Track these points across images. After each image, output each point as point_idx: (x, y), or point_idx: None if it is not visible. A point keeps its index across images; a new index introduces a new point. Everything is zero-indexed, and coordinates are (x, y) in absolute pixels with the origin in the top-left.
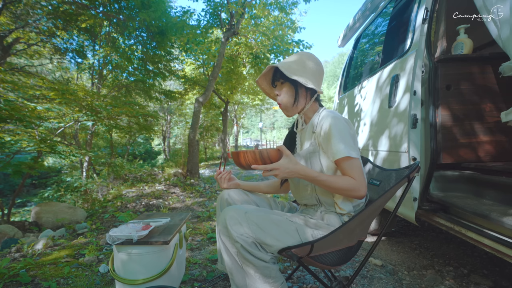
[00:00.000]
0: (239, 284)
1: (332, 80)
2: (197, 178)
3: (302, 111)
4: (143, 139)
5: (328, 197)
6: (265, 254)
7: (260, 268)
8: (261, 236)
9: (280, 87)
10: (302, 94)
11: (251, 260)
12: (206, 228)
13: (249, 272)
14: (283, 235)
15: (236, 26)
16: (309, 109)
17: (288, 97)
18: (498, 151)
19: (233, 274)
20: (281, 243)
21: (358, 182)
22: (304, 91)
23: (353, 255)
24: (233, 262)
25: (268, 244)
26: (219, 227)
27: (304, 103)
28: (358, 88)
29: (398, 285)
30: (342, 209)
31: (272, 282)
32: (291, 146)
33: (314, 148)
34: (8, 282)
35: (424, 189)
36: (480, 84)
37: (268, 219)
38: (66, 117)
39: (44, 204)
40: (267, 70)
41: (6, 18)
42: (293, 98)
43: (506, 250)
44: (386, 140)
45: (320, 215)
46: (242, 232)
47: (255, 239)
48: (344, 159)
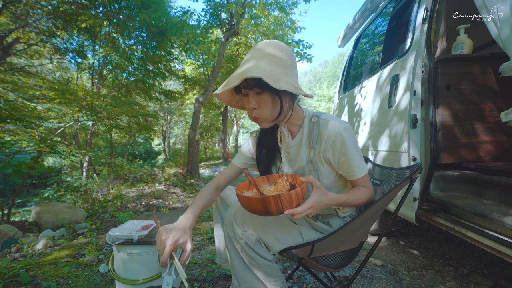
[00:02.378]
0: (240, 280)
1: (332, 80)
2: (197, 178)
3: (285, 120)
4: (143, 139)
5: None
6: (268, 253)
7: (263, 266)
8: (264, 236)
9: (255, 97)
10: (285, 100)
11: (254, 258)
12: (206, 228)
13: (252, 270)
14: (285, 236)
15: (236, 26)
16: (294, 117)
17: (270, 109)
18: (498, 151)
19: (235, 270)
20: (282, 244)
21: (371, 190)
22: (289, 97)
23: (354, 257)
24: (237, 258)
25: (270, 245)
26: (226, 223)
27: (287, 112)
28: (358, 88)
29: (398, 285)
30: (344, 212)
31: (274, 281)
32: (270, 161)
33: (315, 166)
34: (8, 282)
35: (424, 189)
36: (480, 84)
37: (272, 219)
38: (66, 117)
39: (44, 204)
40: (236, 80)
41: (6, 18)
42: (277, 110)
43: (506, 250)
44: (386, 140)
45: (322, 220)
46: (246, 229)
47: (259, 237)
48: (364, 177)
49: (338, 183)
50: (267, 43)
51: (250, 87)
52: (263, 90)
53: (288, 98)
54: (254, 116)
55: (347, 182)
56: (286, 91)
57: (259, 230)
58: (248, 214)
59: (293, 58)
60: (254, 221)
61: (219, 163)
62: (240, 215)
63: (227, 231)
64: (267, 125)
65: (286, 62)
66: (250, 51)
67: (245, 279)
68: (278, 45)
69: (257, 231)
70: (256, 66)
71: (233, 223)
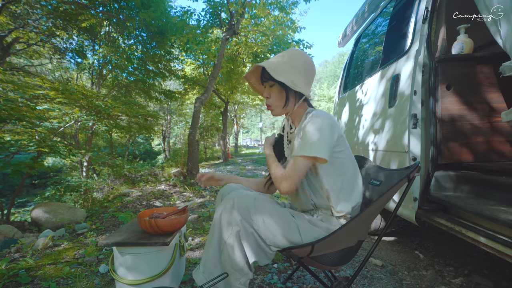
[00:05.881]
0: (207, 265)
1: (332, 80)
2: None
3: (290, 113)
4: (143, 139)
5: (323, 201)
6: (245, 259)
7: (237, 262)
8: (263, 232)
9: (269, 89)
10: (291, 96)
11: (235, 250)
12: (206, 228)
13: (226, 258)
14: (285, 232)
15: (236, 26)
16: (297, 111)
17: (278, 100)
18: (499, 151)
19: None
20: (281, 241)
21: (282, 176)
22: (293, 93)
23: (353, 255)
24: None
25: (268, 241)
26: (225, 205)
27: (293, 105)
28: (358, 88)
29: (398, 285)
30: (339, 211)
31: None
32: (279, 149)
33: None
34: (8, 282)
35: (424, 189)
36: (480, 84)
37: (275, 214)
38: (66, 117)
39: (44, 204)
40: (254, 69)
41: (5, 18)
42: (283, 101)
43: (506, 250)
44: (386, 140)
45: (318, 218)
46: (245, 217)
47: (255, 231)
48: (296, 157)
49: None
50: (291, 49)
51: (266, 80)
52: (274, 83)
53: (294, 94)
54: (267, 103)
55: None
56: (294, 90)
57: (260, 225)
58: (252, 201)
59: (309, 65)
60: (257, 211)
61: (219, 163)
62: (243, 201)
63: (222, 215)
64: (275, 113)
65: (296, 64)
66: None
67: (213, 271)
68: (297, 51)
69: (259, 226)
70: (269, 61)
71: (234, 207)
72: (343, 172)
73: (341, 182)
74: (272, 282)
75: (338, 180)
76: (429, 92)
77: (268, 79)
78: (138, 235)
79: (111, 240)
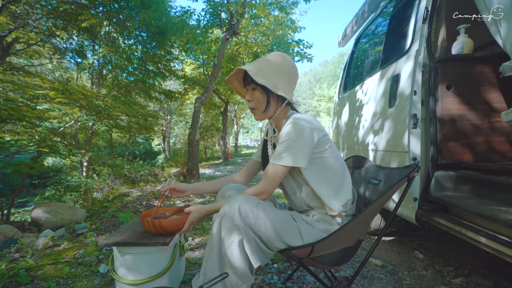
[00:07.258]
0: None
1: (332, 80)
2: (197, 178)
3: (272, 117)
4: (143, 139)
5: (316, 201)
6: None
7: (239, 269)
8: (265, 237)
9: (251, 92)
10: (273, 99)
11: (236, 255)
12: (206, 228)
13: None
14: (287, 237)
15: (236, 25)
16: (280, 115)
17: (259, 103)
18: (499, 151)
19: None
20: (282, 245)
21: (256, 193)
22: (275, 96)
23: (352, 255)
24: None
25: (269, 245)
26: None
27: (274, 109)
28: (358, 88)
29: (399, 285)
30: (332, 209)
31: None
32: (264, 154)
33: None
34: (8, 282)
35: (424, 189)
36: (480, 84)
37: (277, 218)
38: (66, 117)
39: (44, 204)
40: (236, 72)
41: (5, 18)
42: (264, 105)
43: (506, 250)
44: (386, 140)
45: (314, 219)
46: (249, 222)
47: (256, 235)
48: (274, 164)
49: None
50: (274, 53)
51: (248, 83)
52: (257, 87)
53: (276, 98)
54: (250, 107)
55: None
56: (277, 94)
57: (263, 228)
58: (254, 205)
59: (291, 69)
60: (260, 216)
61: (219, 163)
62: (246, 204)
63: (223, 220)
64: (258, 117)
65: (279, 68)
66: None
67: (213, 274)
68: (280, 54)
69: (262, 229)
70: (251, 64)
71: (238, 212)
72: (329, 170)
73: (328, 180)
74: (272, 282)
75: (324, 179)
76: (429, 92)
77: (250, 82)
78: (138, 235)
79: (111, 240)
